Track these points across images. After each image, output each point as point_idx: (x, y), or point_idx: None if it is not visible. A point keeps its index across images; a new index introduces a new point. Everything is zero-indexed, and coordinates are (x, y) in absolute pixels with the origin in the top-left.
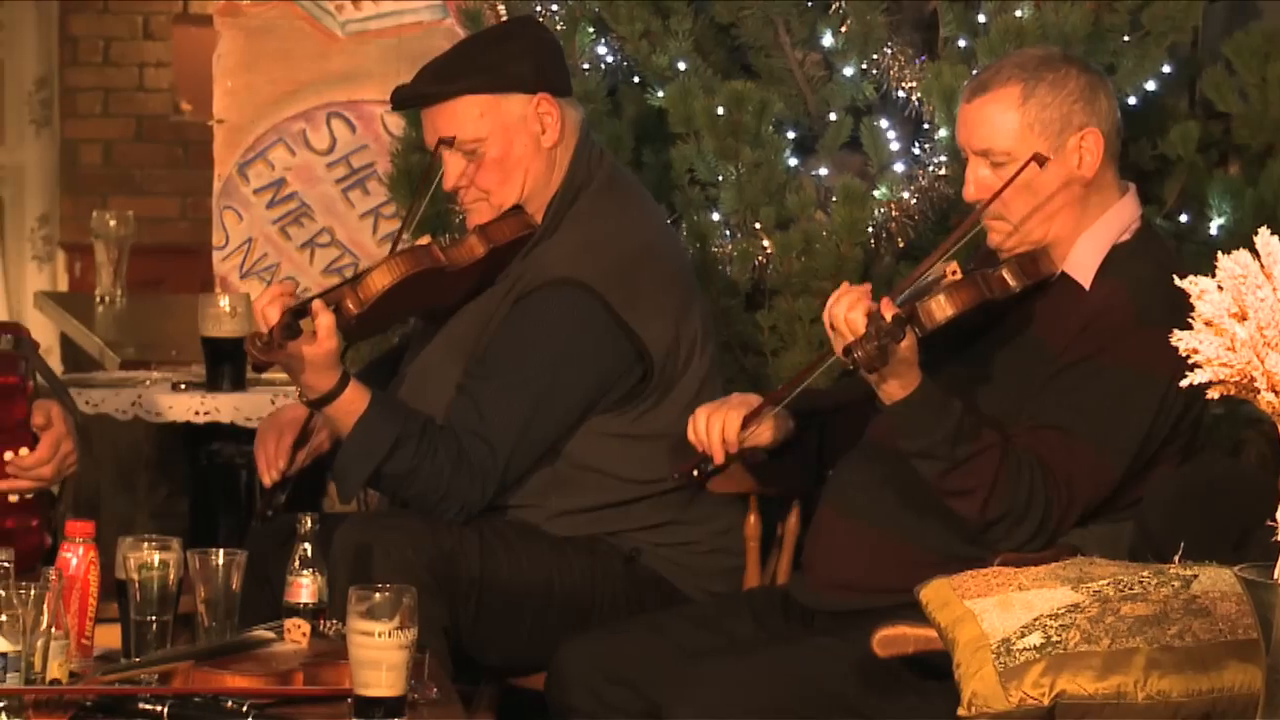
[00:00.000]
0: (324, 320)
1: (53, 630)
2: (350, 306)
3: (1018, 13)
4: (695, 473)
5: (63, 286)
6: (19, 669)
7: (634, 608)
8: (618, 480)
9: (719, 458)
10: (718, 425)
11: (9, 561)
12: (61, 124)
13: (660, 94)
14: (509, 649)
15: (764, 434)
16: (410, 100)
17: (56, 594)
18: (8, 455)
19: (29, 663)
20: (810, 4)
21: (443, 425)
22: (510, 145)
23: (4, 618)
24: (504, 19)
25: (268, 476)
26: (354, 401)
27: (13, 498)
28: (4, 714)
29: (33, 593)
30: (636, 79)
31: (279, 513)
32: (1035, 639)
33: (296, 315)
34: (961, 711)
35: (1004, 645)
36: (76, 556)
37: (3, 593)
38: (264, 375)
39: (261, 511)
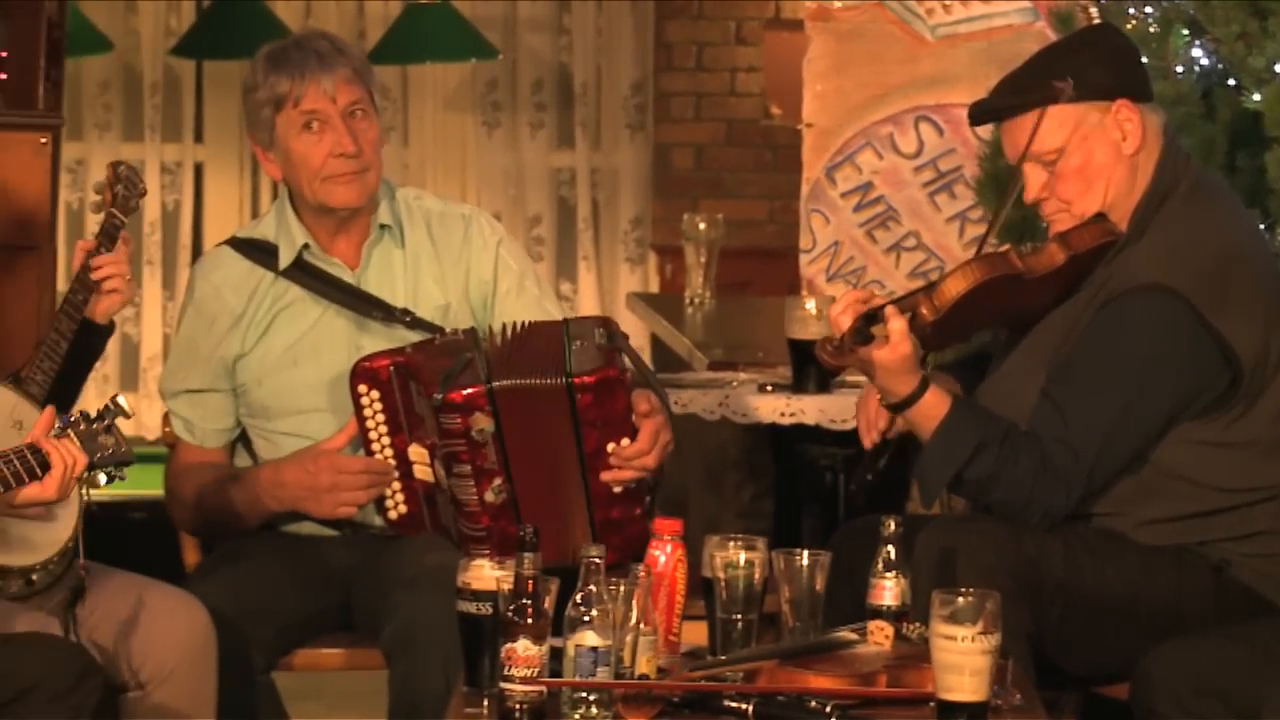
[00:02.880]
0: (896, 325)
1: (641, 626)
2: (925, 312)
3: None
4: None
5: (653, 288)
6: (609, 663)
7: (1222, 620)
8: (1206, 489)
9: None
10: None
11: (600, 557)
12: (655, 128)
13: (1256, 97)
14: (1092, 657)
15: None
16: (986, 114)
17: (645, 590)
18: (610, 446)
19: (618, 657)
20: None
21: (1026, 431)
22: (1090, 154)
23: (595, 613)
24: (1095, 21)
25: (867, 439)
26: (934, 406)
27: (616, 488)
28: (594, 707)
29: (622, 589)
30: (1231, 81)
31: (877, 478)
32: None
33: (869, 320)
34: None
35: None
36: (665, 554)
37: (594, 588)
38: (848, 378)
39: (861, 476)
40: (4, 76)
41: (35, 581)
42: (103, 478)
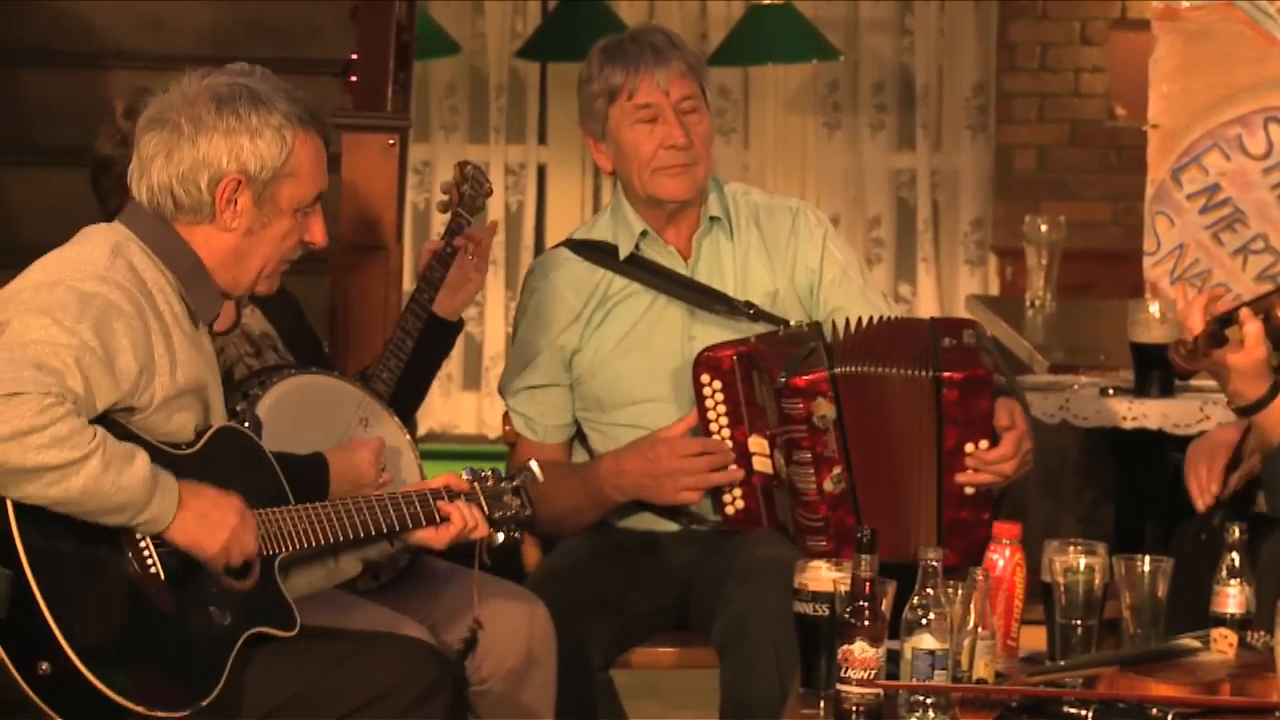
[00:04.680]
0: (1252, 328)
1: (979, 630)
2: None
3: None
4: None
5: (993, 290)
6: (946, 667)
7: None
8: None
9: None
10: None
11: (936, 561)
12: (997, 129)
13: None
14: None
15: None
16: None
17: (984, 594)
18: (968, 447)
19: (956, 661)
20: None
21: None
22: None
23: (933, 616)
24: None
25: (1200, 501)
26: None
27: (969, 489)
28: (931, 710)
29: (960, 592)
30: None
31: (1211, 534)
32: None
33: (1223, 324)
34: None
35: None
36: (1003, 558)
37: (932, 591)
38: (1192, 382)
39: (1195, 535)
40: (354, 79)
41: (380, 576)
42: (500, 536)
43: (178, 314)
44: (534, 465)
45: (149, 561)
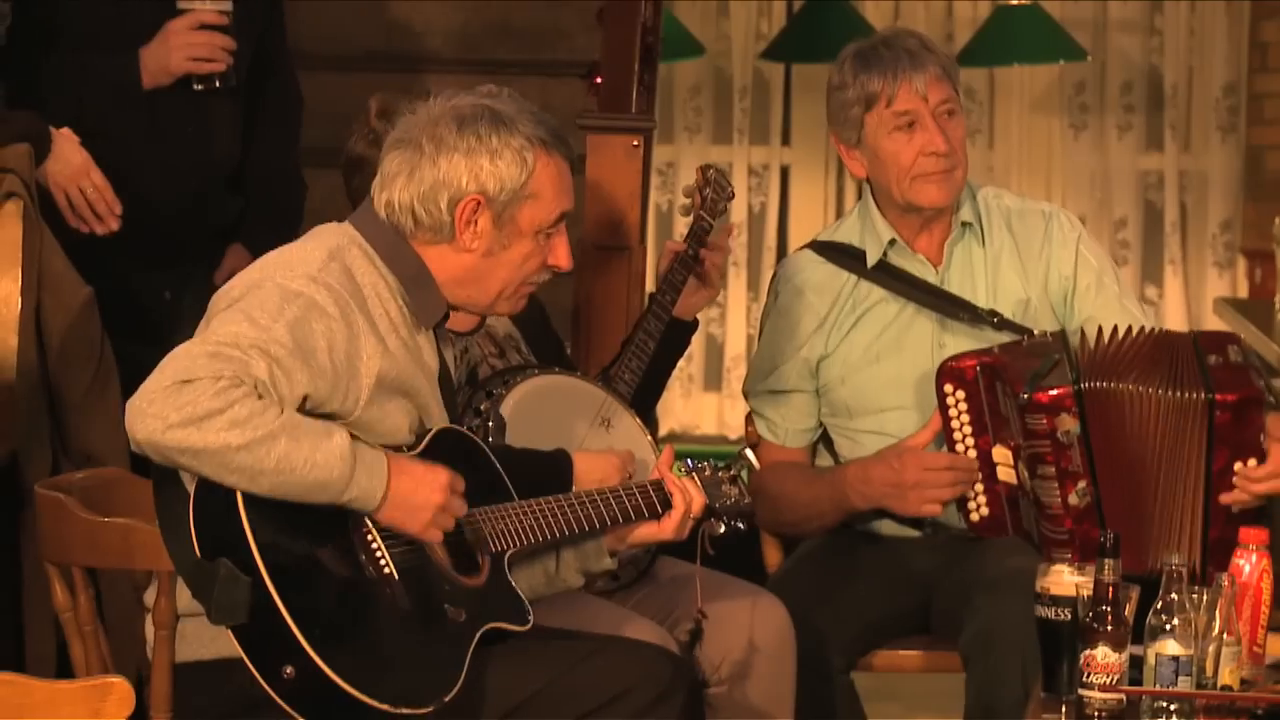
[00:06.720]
0: None
1: (1224, 636)
2: None
3: None
4: None
5: (1241, 293)
6: (1190, 673)
7: None
8: None
9: None
10: None
11: (1181, 566)
12: (1247, 130)
13: None
14: None
15: None
16: None
17: (1229, 600)
18: (1237, 466)
19: (1200, 667)
20: None
21: None
22: None
23: (1177, 621)
24: None
25: None
26: None
27: (1235, 508)
28: (1175, 716)
29: (1204, 598)
30: None
31: None
32: None
33: None
34: None
35: None
36: (1249, 564)
37: (1176, 596)
38: None
39: None
40: (599, 80)
41: (620, 576)
42: (721, 527)
43: (394, 319)
44: (749, 453)
45: (382, 562)
